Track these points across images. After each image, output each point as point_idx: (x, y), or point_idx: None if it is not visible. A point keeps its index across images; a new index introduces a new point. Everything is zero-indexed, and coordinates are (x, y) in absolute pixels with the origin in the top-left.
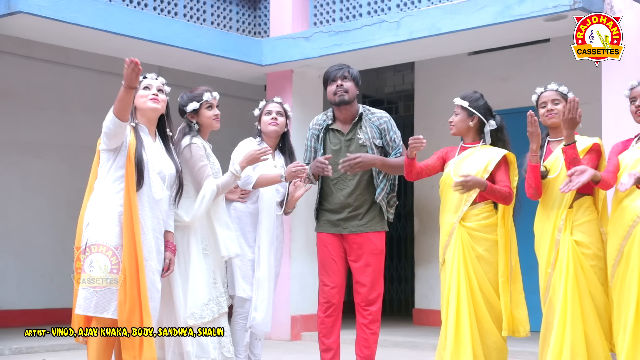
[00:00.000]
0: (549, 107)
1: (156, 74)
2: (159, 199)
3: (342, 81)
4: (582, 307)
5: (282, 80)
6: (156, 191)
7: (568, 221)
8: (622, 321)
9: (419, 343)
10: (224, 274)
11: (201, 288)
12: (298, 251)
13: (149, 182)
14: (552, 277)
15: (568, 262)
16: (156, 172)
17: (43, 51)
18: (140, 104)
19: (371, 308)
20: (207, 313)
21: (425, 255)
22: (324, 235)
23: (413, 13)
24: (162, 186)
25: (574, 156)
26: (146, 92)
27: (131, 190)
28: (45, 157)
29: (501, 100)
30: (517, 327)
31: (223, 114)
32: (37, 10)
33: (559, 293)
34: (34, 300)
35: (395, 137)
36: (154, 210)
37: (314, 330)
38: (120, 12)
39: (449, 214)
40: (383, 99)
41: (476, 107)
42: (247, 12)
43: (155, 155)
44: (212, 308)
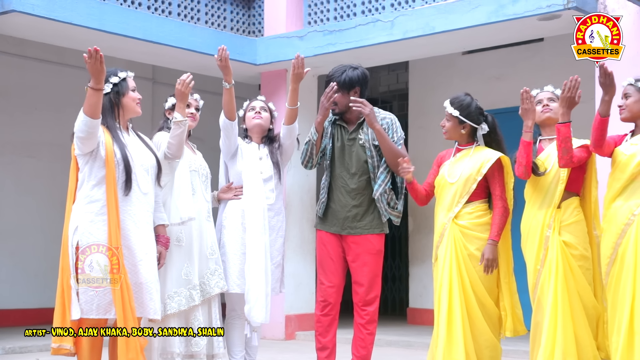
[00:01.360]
0: (545, 102)
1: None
2: (146, 192)
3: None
4: (571, 307)
5: (276, 79)
6: (143, 185)
7: (556, 221)
8: (617, 321)
9: (413, 342)
10: (205, 268)
11: (168, 279)
12: (292, 250)
13: (136, 178)
14: (541, 274)
15: (557, 262)
16: (140, 166)
17: (37, 50)
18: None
19: (368, 308)
20: (171, 306)
21: (420, 254)
22: (323, 233)
23: (407, 12)
24: (148, 178)
25: (567, 135)
26: (136, 96)
27: (114, 190)
28: (39, 157)
29: (495, 100)
30: (517, 326)
31: (217, 114)
32: (31, 9)
33: (549, 293)
34: (28, 299)
35: (396, 136)
36: (142, 204)
37: (309, 329)
38: (114, 11)
39: (442, 212)
40: (377, 98)
41: (467, 115)
42: (241, 11)
43: (135, 149)
44: (178, 301)
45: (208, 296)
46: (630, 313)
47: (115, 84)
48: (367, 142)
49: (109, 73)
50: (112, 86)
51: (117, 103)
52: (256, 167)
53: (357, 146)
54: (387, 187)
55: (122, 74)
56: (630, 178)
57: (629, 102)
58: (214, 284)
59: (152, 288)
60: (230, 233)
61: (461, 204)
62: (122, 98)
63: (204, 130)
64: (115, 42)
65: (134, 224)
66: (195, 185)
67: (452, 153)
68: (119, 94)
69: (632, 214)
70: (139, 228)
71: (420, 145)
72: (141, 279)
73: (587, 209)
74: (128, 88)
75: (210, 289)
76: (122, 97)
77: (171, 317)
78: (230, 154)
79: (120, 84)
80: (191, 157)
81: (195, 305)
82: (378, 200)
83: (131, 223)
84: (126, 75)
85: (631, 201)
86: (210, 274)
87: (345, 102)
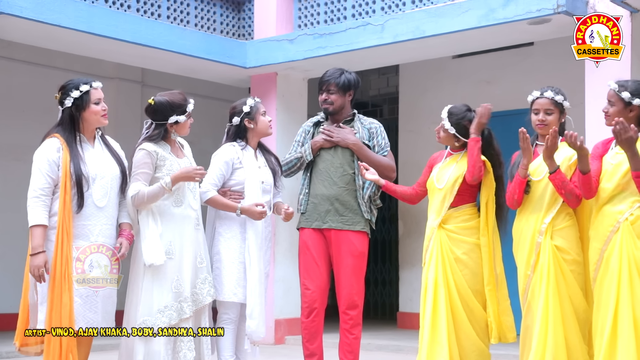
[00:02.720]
0: (541, 116)
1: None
2: (102, 207)
3: (327, 94)
4: (562, 311)
5: (266, 82)
6: (99, 199)
7: (549, 226)
8: (600, 325)
9: (403, 346)
10: (195, 278)
11: (157, 294)
12: (282, 254)
13: (91, 194)
14: (531, 279)
15: (549, 266)
16: (101, 178)
17: (25, 53)
18: (93, 120)
19: (351, 312)
20: (162, 320)
21: (410, 258)
22: (306, 233)
23: (397, 16)
24: (107, 191)
25: (562, 180)
26: (99, 108)
27: (65, 206)
28: (27, 160)
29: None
30: (505, 333)
31: (207, 117)
32: (19, 12)
33: (540, 298)
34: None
35: (383, 142)
36: (99, 218)
37: (298, 333)
38: (102, 13)
39: (431, 216)
40: (368, 101)
41: (464, 134)
42: (231, 14)
43: (97, 162)
44: (169, 315)
45: (201, 305)
46: (613, 317)
47: (76, 98)
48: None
49: (70, 86)
50: (72, 100)
51: (77, 117)
52: (258, 177)
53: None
54: (373, 191)
55: (84, 87)
56: (617, 188)
57: (612, 111)
58: (205, 292)
59: (109, 297)
60: (228, 241)
61: (447, 205)
62: (83, 112)
63: (194, 132)
64: (104, 45)
65: (91, 237)
66: (182, 194)
67: (444, 155)
68: (80, 107)
69: (617, 221)
70: (92, 242)
71: (410, 149)
72: (101, 292)
73: (583, 214)
74: (90, 101)
75: (203, 298)
76: (82, 112)
77: None
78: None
79: (81, 98)
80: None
81: (186, 318)
82: (361, 197)
83: (91, 237)
84: (89, 88)
85: (617, 207)
86: (201, 282)
87: (340, 103)
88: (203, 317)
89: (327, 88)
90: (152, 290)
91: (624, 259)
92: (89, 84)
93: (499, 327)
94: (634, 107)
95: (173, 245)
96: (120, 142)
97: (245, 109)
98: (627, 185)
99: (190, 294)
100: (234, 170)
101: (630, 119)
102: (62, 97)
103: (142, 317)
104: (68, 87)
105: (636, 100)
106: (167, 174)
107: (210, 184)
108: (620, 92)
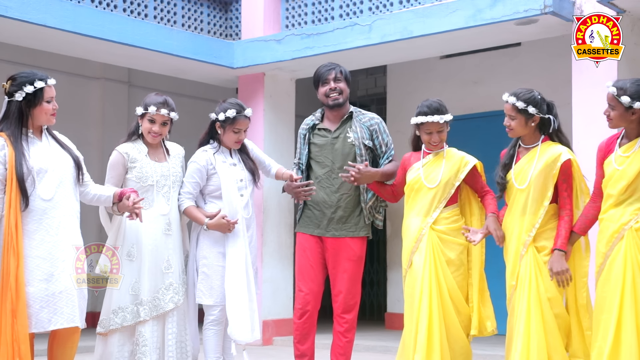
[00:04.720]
0: (505, 121)
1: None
2: (50, 199)
3: (335, 83)
4: (543, 317)
5: (253, 83)
6: (45, 193)
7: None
8: (602, 330)
9: (391, 347)
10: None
11: (115, 295)
12: (270, 255)
13: (33, 189)
14: (515, 289)
15: (530, 278)
16: (50, 171)
17: (10, 52)
18: (42, 118)
19: (347, 316)
20: (115, 321)
21: (398, 259)
22: (303, 237)
23: (385, 16)
24: (58, 183)
25: (563, 244)
26: (50, 107)
27: (9, 204)
28: None
29: (473, 104)
30: (484, 323)
31: (194, 117)
32: (4, 11)
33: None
34: None
35: (387, 140)
36: (53, 211)
37: (286, 334)
38: (89, 13)
39: (416, 217)
40: (355, 102)
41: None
42: (218, 14)
43: (45, 154)
44: (122, 316)
45: (161, 311)
46: (617, 322)
47: (28, 93)
48: (356, 141)
49: (24, 79)
50: (24, 95)
51: (27, 112)
52: (232, 177)
53: (343, 144)
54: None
55: (39, 83)
56: (627, 194)
57: (613, 115)
58: (168, 299)
59: (72, 295)
60: (212, 246)
61: (439, 209)
62: (33, 109)
63: (180, 134)
64: (90, 45)
65: (47, 232)
66: (153, 198)
67: (421, 155)
68: (31, 103)
69: (622, 228)
70: (52, 236)
71: (398, 149)
72: (60, 287)
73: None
74: (42, 99)
75: (165, 304)
76: (33, 108)
77: (115, 332)
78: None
79: (34, 94)
80: (154, 169)
81: (140, 321)
82: (364, 201)
83: (44, 232)
84: (44, 85)
85: (622, 213)
86: (165, 288)
87: (347, 93)
88: (170, 323)
89: (335, 77)
90: (112, 290)
91: (628, 264)
92: (45, 80)
93: (480, 319)
94: (636, 110)
95: (134, 248)
96: (106, 142)
97: (221, 117)
98: (633, 192)
99: (151, 298)
100: (210, 176)
101: (632, 122)
102: (11, 88)
103: (101, 317)
104: (21, 80)
105: (637, 103)
106: (137, 176)
107: (185, 193)
108: (619, 97)
